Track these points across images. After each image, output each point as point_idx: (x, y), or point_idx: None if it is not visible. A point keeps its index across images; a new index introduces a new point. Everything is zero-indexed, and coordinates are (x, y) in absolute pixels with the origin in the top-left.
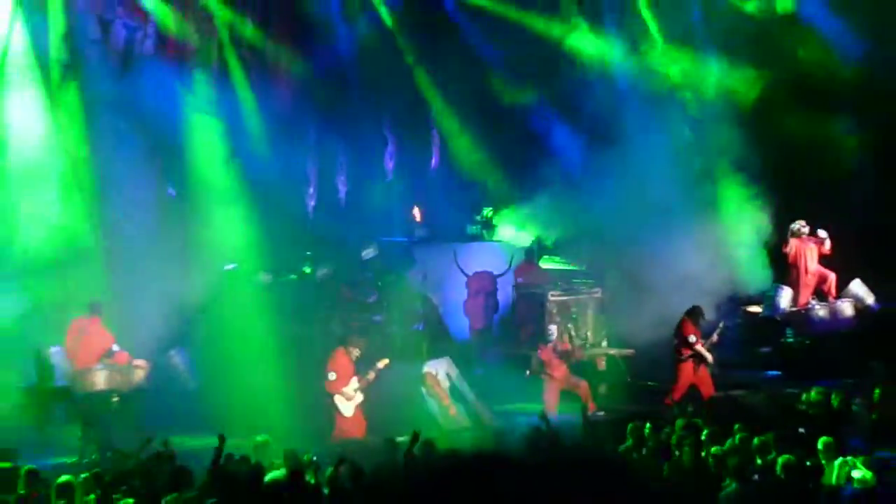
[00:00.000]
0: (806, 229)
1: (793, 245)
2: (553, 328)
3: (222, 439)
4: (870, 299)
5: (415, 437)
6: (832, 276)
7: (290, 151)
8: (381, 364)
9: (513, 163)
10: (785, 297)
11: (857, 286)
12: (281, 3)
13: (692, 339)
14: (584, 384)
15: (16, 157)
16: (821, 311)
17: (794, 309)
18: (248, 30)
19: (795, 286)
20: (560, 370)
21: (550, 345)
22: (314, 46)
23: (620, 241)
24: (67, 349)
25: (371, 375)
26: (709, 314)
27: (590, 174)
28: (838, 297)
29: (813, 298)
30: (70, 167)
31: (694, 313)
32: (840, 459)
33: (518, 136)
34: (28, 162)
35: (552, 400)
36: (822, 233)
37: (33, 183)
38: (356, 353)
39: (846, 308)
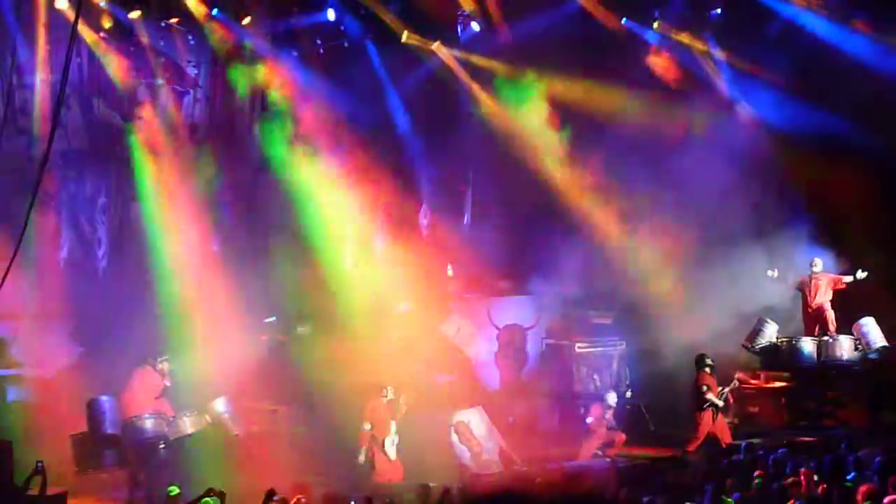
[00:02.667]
0: (818, 267)
1: (797, 281)
2: (611, 396)
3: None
4: (879, 341)
5: (445, 490)
6: (830, 313)
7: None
8: (402, 399)
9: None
10: (767, 331)
11: (866, 325)
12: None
13: (704, 388)
14: (623, 437)
15: None
16: (807, 345)
17: (778, 341)
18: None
19: (804, 320)
20: (603, 427)
21: (603, 408)
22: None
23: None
24: (126, 400)
25: (402, 409)
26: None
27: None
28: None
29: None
30: None
31: (704, 363)
32: None
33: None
34: None
35: (588, 451)
36: (856, 275)
37: None
38: (388, 396)
39: (841, 345)
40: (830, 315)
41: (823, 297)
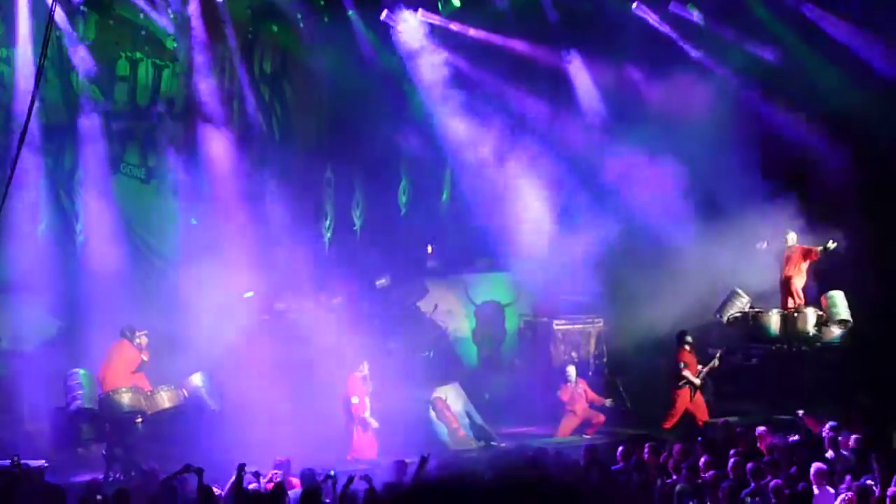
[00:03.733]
0: (791, 239)
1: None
2: (571, 370)
3: (241, 467)
4: (842, 315)
5: (423, 460)
6: (797, 285)
7: (308, 185)
8: (364, 367)
9: None
10: (738, 303)
11: (832, 297)
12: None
13: (682, 365)
14: (602, 418)
15: None
16: (773, 318)
17: (743, 313)
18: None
19: (780, 293)
20: (581, 405)
21: (570, 385)
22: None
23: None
24: (103, 373)
25: (369, 385)
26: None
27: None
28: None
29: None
30: None
31: (685, 340)
32: None
33: None
34: None
35: (566, 430)
36: (826, 245)
37: None
38: (364, 371)
39: (806, 318)
40: (797, 288)
41: (793, 271)
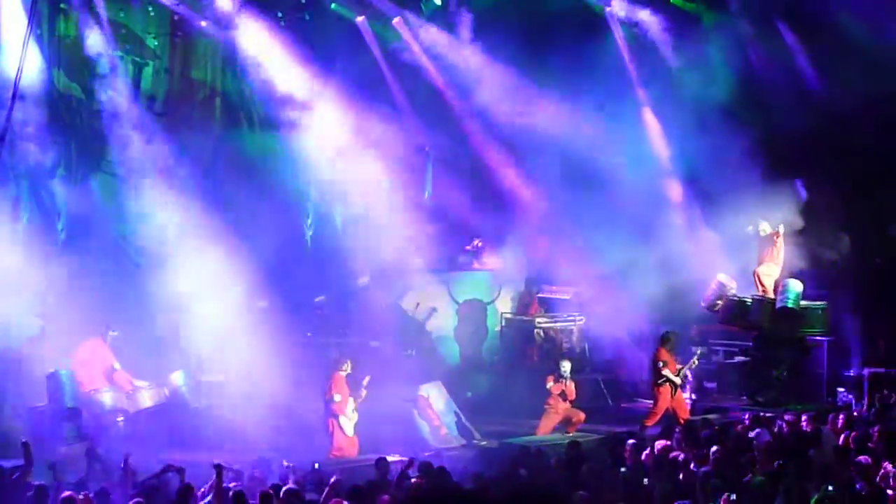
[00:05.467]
0: (762, 226)
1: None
2: (566, 364)
3: (218, 467)
4: (789, 303)
5: (409, 462)
6: (761, 272)
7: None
8: (365, 382)
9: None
10: (712, 288)
11: (788, 286)
12: None
13: (661, 364)
14: (582, 416)
15: None
16: (752, 305)
17: (728, 300)
18: None
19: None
20: (563, 403)
21: (563, 381)
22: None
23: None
24: (76, 371)
25: (363, 393)
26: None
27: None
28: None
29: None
30: None
31: (665, 339)
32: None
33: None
34: None
35: (546, 428)
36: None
37: None
38: (348, 370)
39: (760, 305)
40: (758, 274)
41: (764, 257)
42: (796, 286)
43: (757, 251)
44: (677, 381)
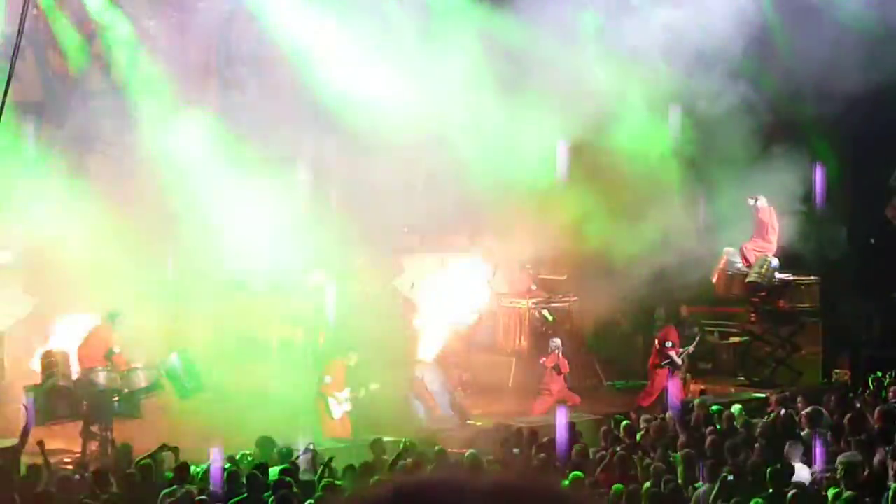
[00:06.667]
0: (753, 201)
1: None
2: (557, 340)
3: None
4: (753, 276)
5: (404, 449)
6: (748, 246)
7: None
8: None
9: None
10: (721, 260)
11: (760, 259)
12: None
13: (669, 344)
14: (577, 398)
15: None
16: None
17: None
18: None
19: None
20: (557, 383)
21: (553, 354)
22: None
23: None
24: (78, 351)
25: (362, 392)
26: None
27: None
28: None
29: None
30: None
31: (675, 319)
32: None
33: None
34: None
35: (541, 410)
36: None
37: None
38: (353, 361)
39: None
40: (748, 249)
41: (756, 232)
42: (766, 261)
43: (753, 226)
44: (679, 363)
